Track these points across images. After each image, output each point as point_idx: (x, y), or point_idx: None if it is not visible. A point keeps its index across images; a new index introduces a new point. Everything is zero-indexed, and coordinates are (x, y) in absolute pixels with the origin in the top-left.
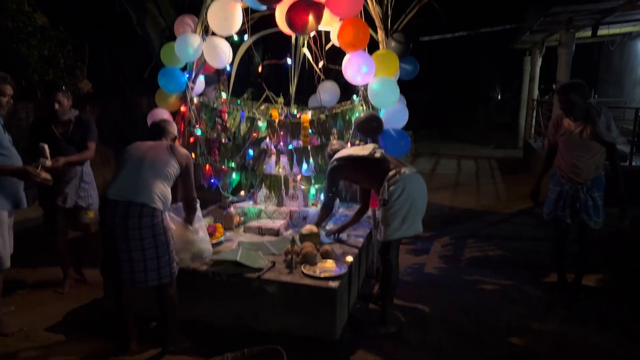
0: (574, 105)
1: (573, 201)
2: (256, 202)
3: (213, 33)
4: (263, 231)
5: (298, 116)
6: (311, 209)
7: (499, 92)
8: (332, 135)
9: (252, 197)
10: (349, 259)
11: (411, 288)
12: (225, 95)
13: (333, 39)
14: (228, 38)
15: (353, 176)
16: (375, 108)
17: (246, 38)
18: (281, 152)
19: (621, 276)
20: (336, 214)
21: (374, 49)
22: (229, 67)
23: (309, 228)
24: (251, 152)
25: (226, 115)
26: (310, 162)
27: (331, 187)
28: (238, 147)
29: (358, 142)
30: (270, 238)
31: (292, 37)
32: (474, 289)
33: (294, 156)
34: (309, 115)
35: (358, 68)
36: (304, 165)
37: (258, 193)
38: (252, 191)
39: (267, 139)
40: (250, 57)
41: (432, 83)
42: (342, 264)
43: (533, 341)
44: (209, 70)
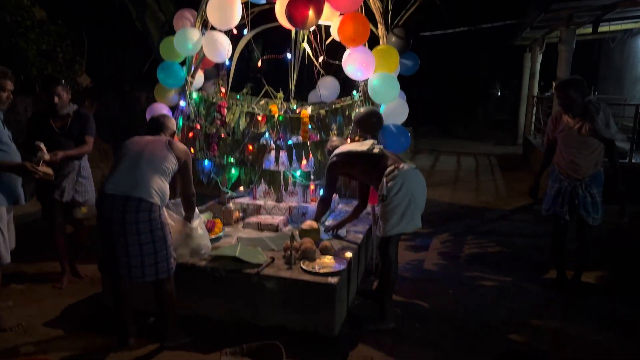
0: (573, 101)
1: (571, 197)
2: (255, 198)
3: (212, 27)
4: (262, 227)
5: (298, 111)
6: (310, 205)
7: (499, 89)
8: (332, 131)
9: (251, 193)
10: (348, 255)
11: (410, 284)
12: (224, 90)
13: (333, 34)
14: (227, 32)
15: (352, 172)
16: (375, 104)
17: (245, 32)
18: (281, 148)
19: (620, 273)
20: (335, 210)
21: (375, 44)
22: (228, 62)
23: (309, 224)
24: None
25: (225, 110)
26: (309, 158)
27: (330, 183)
28: (237, 142)
29: (358, 138)
30: (269, 234)
31: (292, 32)
32: (473, 286)
33: (294, 152)
34: (309, 110)
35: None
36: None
37: (257, 189)
38: (252, 187)
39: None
40: (249, 52)
41: (432, 80)
42: (342, 260)
43: (532, 338)
44: (208, 64)
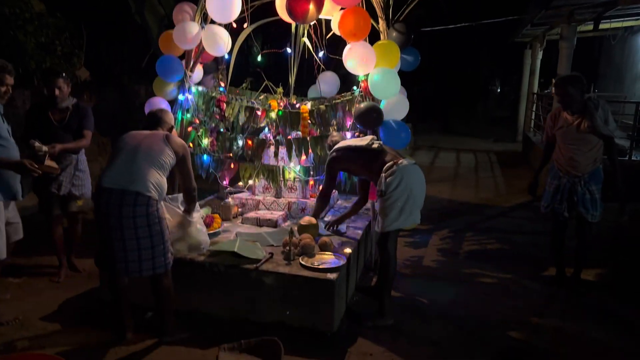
0: (572, 98)
1: (570, 194)
2: (254, 193)
3: (212, 21)
4: (261, 222)
5: (297, 107)
6: (309, 201)
7: (499, 86)
8: (332, 126)
9: (250, 188)
10: (348, 251)
11: (409, 281)
12: (223, 85)
13: (334, 28)
14: (227, 26)
15: (351, 167)
16: (376, 99)
17: (245, 26)
18: (280, 143)
19: (620, 270)
20: (335, 206)
21: (375, 39)
22: (228, 56)
23: (308, 219)
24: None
25: (224, 104)
26: (309, 153)
27: (329, 178)
28: (236, 137)
29: (357, 134)
30: (268, 229)
31: (292, 26)
32: (472, 282)
33: (293, 147)
34: (309, 105)
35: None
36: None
37: (256, 184)
38: (251, 182)
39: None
40: (249, 47)
41: (432, 76)
42: (341, 256)
43: (531, 335)
44: (208, 58)
